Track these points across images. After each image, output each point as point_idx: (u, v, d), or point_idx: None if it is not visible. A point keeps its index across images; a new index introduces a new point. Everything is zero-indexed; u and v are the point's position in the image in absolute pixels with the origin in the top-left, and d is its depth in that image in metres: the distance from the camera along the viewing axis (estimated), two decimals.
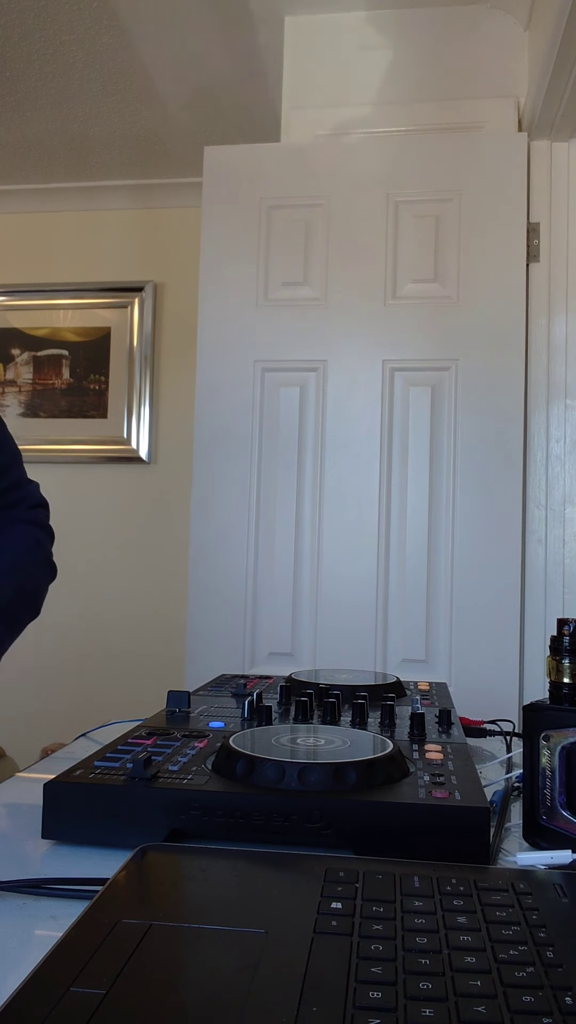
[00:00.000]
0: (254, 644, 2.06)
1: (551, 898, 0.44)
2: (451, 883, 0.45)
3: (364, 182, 2.08)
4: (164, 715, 0.81)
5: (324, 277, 2.08)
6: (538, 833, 0.59)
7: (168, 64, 2.43)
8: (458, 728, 0.78)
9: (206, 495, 2.09)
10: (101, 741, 0.92)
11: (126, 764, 0.62)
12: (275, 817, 0.56)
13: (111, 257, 3.17)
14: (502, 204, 2.03)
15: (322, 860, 0.48)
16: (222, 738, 0.69)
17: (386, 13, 2.21)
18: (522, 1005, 0.33)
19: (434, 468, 2.02)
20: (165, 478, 3.08)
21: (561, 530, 2.02)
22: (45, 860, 0.56)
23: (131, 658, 2.95)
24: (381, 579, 2.02)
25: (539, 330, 2.05)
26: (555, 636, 0.61)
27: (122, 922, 0.39)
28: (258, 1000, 0.33)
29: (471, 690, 1.87)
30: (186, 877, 0.47)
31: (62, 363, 3.13)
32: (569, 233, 2.05)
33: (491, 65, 2.18)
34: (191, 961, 0.36)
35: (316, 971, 0.35)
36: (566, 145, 2.07)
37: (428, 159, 2.06)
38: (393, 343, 2.05)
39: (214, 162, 2.14)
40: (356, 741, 0.66)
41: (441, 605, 1.99)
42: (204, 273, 2.12)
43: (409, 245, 2.06)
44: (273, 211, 2.11)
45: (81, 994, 0.33)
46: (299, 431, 2.08)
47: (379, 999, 0.33)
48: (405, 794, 0.57)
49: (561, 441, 2.04)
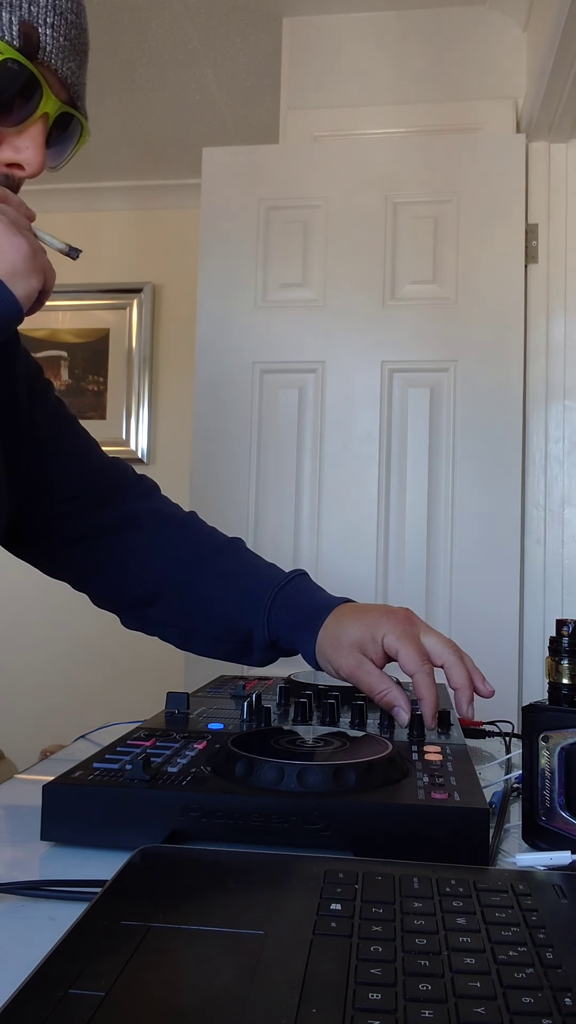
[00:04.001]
0: None
1: (550, 899, 0.44)
2: (450, 884, 0.45)
3: (363, 183, 2.08)
4: (163, 716, 0.81)
5: (323, 278, 2.08)
6: (537, 834, 0.59)
7: (167, 65, 2.43)
8: (457, 729, 0.78)
9: (205, 496, 2.09)
10: (100, 743, 0.92)
11: (125, 766, 0.62)
12: (274, 819, 0.56)
13: (110, 258, 3.17)
14: (500, 205, 2.03)
15: (321, 862, 0.48)
16: (221, 739, 0.69)
17: (384, 15, 2.21)
18: (522, 1006, 0.33)
19: (433, 469, 2.02)
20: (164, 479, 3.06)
21: (560, 531, 2.02)
22: (44, 862, 0.56)
23: (130, 659, 2.95)
24: (380, 580, 2.02)
25: (537, 331, 2.05)
26: (554, 637, 0.61)
27: (121, 924, 0.39)
28: (257, 1002, 0.33)
29: None
30: (185, 879, 0.47)
31: (61, 364, 3.14)
32: (567, 234, 2.06)
33: (489, 66, 2.19)
34: (190, 963, 0.36)
35: (315, 973, 0.35)
36: (564, 146, 2.08)
37: (426, 160, 2.06)
38: (392, 344, 2.05)
39: (213, 163, 2.14)
40: (355, 742, 0.66)
41: (440, 606, 1.99)
42: (203, 274, 2.12)
43: (407, 246, 2.06)
44: (272, 212, 2.11)
45: (80, 996, 0.33)
46: (298, 432, 2.08)
47: (379, 1000, 0.33)
48: (404, 795, 0.57)
49: (560, 442, 2.04)
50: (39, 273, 0.65)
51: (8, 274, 0.63)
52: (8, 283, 0.63)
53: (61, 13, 0.67)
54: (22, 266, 0.63)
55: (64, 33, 0.67)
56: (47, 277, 0.66)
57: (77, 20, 0.69)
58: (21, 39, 0.64)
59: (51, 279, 0.67)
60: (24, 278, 0.64)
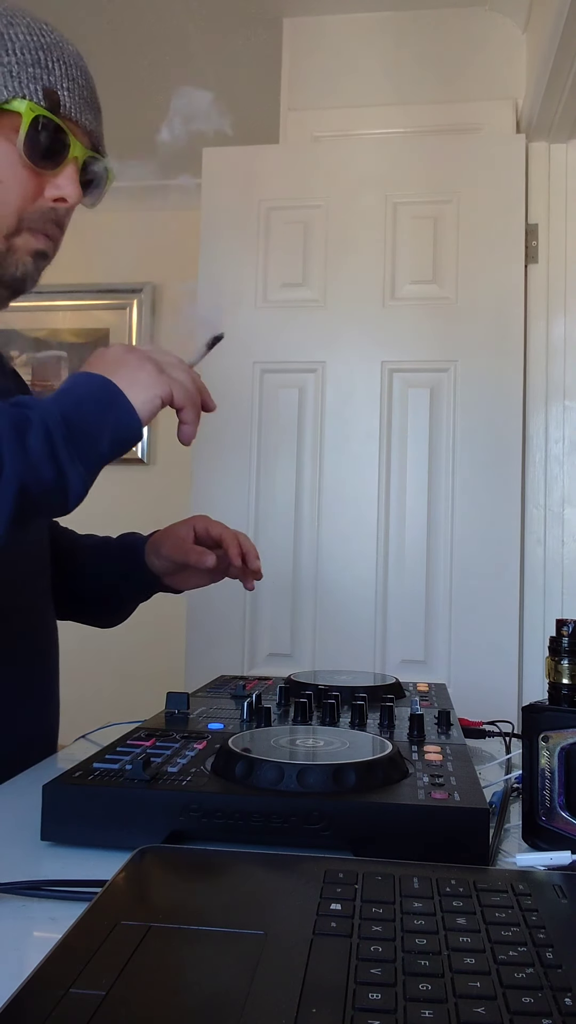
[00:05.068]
0: (253, 645, 2.06)
1: (550, 899, 0.44)
2: (450, 884, 0.45)
3: (363, 184, 2.08)
4: (163, 716, 0.81)
5: (323, 278, 2.08)
6: (537, 834, 0.59)
7: (168, 65, 2.43)
8: (457, 729, 0.78)
9: (205, 496, 2.09)
10: (100, 743, 0.92)
11: (125, 766, 0.62)
12: (274, 818, 0.56)
13: (110, 258, 3.17)
14: (500, 205, 2.03)
15: (321, 861, 0.48)
16: (221, 739, 0.69)
17: (384, 15, 2.21)
18: (522, 1006, 0.33)
19: (433, 469, 2.02)
20: (164, 479, 3.08)
21: (560, 530, 2.02)
22: (44, 862, 0.56)
23: (130, 659, 2.95)
24: (380, 580, 2.02)
25: (537, 331, 2.05)
26: (554, 637, 0.61)
27: (121, 924, 0.39)
28: (257, 1002, 0.33)
29: (470, 691, 1.87)
30: (185, 879, 0.47)
31: (61, 364, 3.14)
32: (567, 234, 2.06)
33: (489, 67, 2.19)
34: (190, 963, 0.36)
35: (315, 973, 0.35)
36: (564, 147, 2.08)
37: (426, 161, 2.06)
38: (392, 344, 2.05)
39: (213, 164, 2.14)
40: (355, 742, 0.66)
41: (440, 606, 1.99)
42: (203, 274, 2.12)
43: (408, 246, 2.06)
44: (272, 212, 2.11)
45: (80, 995, 0.33)
46: (298, 432, 2.08)
47: (379, 1000, 0.33)
48: (404, 795, 0.57)
49: (560, 442, 2.04)
50: (164, 386, 0.75)
51: (129, 384, 0.72)
52: (127, 392, 0.72)
53: (73, 79, 0.84)
54: (145, 379, 0.74)
55: (78, 93, 0.84)
56: (174, 389, 0.76)
57: (86, 83, 0.86)
58: (46, 100, 0.81)
59: (181, 393, 0.77)
60: (144, 388, 0.73)
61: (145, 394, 0.73)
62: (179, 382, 0.76)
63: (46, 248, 0.89)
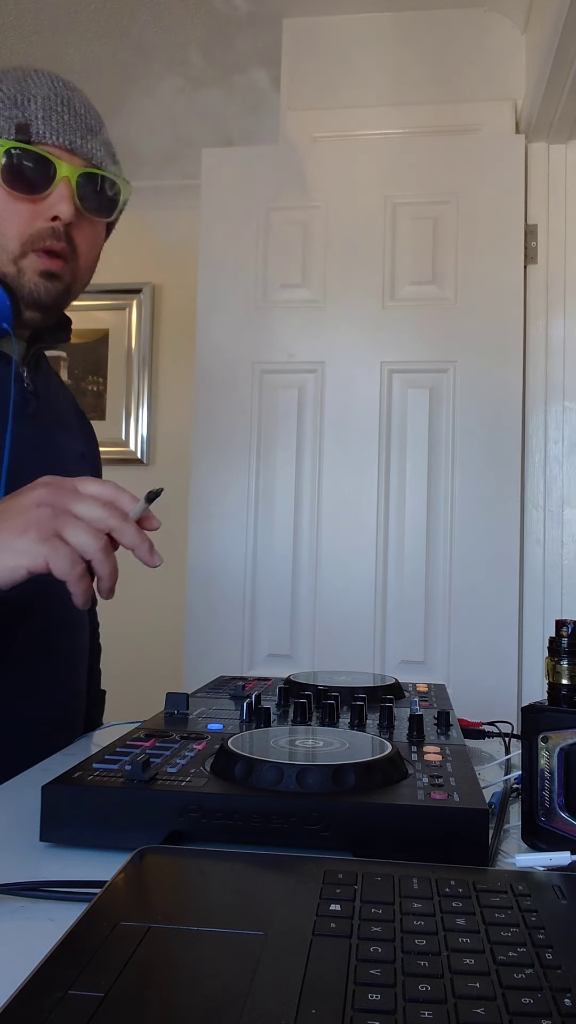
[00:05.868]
0: (252, 646, 2.06)
1: (550, 900, 0.44)
2: (450, 885, 0.45)
3: (362, 184, 2.08)
4: (162, 717, 0.81)
5: (322, 279, 2.08)
6: (537, 835, 0.59)
7: (166, 65, 2.43)
8: (457, 730, 0.78)
9: (204, 497, 2.09)
10: (99, 743, 0.92)
11: (124, 766, 0.62)
12: (274, 819, 0.56)
13: (109, 259, 3.14)
14: (499, 206, 2.03)
15: (321, 862, 0.48)
16: (221, 740, 0.69)
17: (384, 16, 2.21)
18: (521, 1007, 0.33)
19: (432, 470, 2.02)
20: (163, 480, 3.07)
21: (559, 531, 2.02)
22: (43, 863, 0.56)
23: (129, 660, 2.95)
24: (379, 581, 2.02)
25: (537, 332, 2.05)
26: (553, 637, 0.61)
27: (120, 925, 0.39)
28: (257, 1002, 0.33)
29: (469, 691, 1.87)
30: (185, 879, 0.47)
31: (60, 365, 3.13)
32: (566, 235, 2.06)
33: (488, 68, 2.19)
34: (190, 964, 0.36)
35: (315, 973, 0.35)
36: (563, 147, 2.08)
37: (426, 161, 2.06)
38: (391, 345, 2.05)
39: (212, 164, 2.14)
40: (355, 743, 0.66)
41: (439, 606, 1.99)
42: (202, 275, 2.12)
43: (407, 247, 2.06)
44: (271, 213, 2.11)
45: (80, 996, 0.33)
46: (297, 433, 2.08)
47: (378, 1001, 0.33)
48: (404, 796, 0.57)
49: (559, 442, 2.04)
50: (29, 556, 0.68)
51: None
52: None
53: (52, 108, 0.89)
54: (17, 542, 0.67)
55: (56, 119, 0.89)
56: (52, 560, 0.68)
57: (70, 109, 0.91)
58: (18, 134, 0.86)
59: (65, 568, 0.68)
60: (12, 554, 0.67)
61: (12, 561, 0.68)
62: (62, 553, 0.68)
63: (51, 267, 0.92)
